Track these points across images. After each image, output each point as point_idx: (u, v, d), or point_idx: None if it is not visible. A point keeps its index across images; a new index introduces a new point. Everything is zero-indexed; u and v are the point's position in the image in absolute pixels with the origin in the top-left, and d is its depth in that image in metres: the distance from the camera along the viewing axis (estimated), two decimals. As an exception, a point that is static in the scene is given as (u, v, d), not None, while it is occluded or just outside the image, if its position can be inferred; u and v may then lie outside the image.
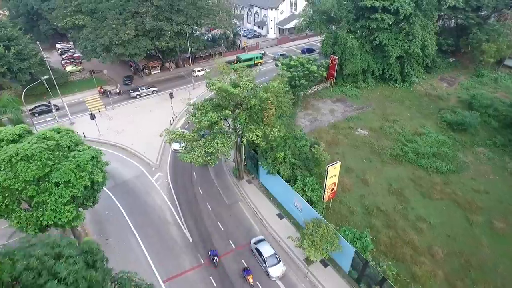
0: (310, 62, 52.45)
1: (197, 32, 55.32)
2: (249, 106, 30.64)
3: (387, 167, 41.22)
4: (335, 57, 56.25)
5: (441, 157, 42.16)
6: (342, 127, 49.12)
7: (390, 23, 54.52)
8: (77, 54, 74.97)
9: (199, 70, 65.62)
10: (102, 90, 60.14)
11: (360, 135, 47.36)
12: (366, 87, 60.81)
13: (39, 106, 54.71)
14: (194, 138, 32.53)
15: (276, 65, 56.54)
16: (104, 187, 38.18)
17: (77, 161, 22.83)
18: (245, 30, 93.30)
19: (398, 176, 39.63)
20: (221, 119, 31.32)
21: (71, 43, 78.40)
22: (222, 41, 73.23)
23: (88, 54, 54.05)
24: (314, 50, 77.69)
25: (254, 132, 30.92)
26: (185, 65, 69.97)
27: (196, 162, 30.47)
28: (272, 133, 31.56)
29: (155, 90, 60.77)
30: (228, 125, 34.54)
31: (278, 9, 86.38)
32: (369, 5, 53.35)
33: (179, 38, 55.44)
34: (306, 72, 51.30)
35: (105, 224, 34.00)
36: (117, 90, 60.25)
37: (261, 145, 32.25)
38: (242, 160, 38.16)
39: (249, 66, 70.13)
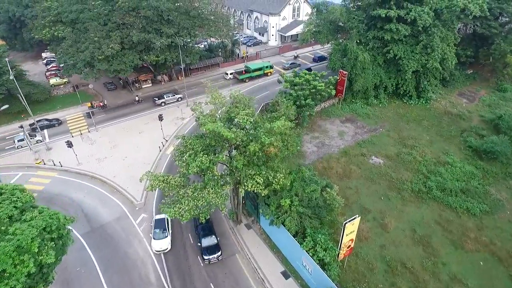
0: (317, 78, 46.71)
1: (191, 44, 49.52)
2: (247, 153, 24.94)
3: (408, 206, 35.42)
4: (345, 72, 50.50)
5: (471, 194, 36.37)
6: (354, 154, 43.32)
7: (406, 34, 48.73)
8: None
9: (231, 73, 63.89)
10: (100, 104, 55.18)
11: (375, 164, 41.56)
12: (378, 104, 55.02)
13: (41, 120, 49.88)
14: (181, 183, 26.75)
15: (279, 81, 50.83)
16: (77, 233, 33.06)
17: (18, 240, 17.07)
18: (244, 37, 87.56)
19: (422, 219, 33.84)
20: (213, 163, 25.54)
21: (57, 52, 72.65)
22: (219, 50, 67.42)
23: (69, 70, 48.27)
24: (326, 58, 72.08)
25: (255, 179, 25.19)
26: (179, 78, 64.18)
27: (183, 218, 24.66)
28: (275, 179, 25.78)
29: (180, 98, 56.75)
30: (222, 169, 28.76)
31: (280, 15, 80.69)
32: (383, 15, 47.57)
33: (171, 51, 49.64)
34: (313, 90, 45.57)
35: (74, 285, 28.20)
36: (101, 103, 55.24)
37: (263, 193, 26.49)
38: (240, 202, 32.38)
39: (259, 76, 65.21)
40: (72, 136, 47.70)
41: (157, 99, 56.17)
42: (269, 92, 59.29)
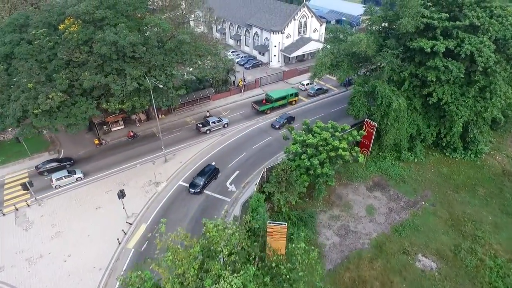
0: (337, 133, 33.99)
1: (167, 86, 36.68)
2: None
3: None
4: (373, 123, 37.74)
5: None
6: (392, 251, 30.60)
7: (459, 76, 35.86)
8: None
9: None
10: (131, 134, 47.18)
11: (425, 271, 28.81)
12: (414, 159, 42.20)
13: (48, 162, 40.97)
14: None
15: (285, 138, 38.01)
16: None
17: None
18: (242, 57, 74.69)
19: None
20: None
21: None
22: (210, 80, 54.48)
23: (-1, 124, 35.42)
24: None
25: None
26: (160, 116, 51.37)
27: None
28: None
29: (226, 124, 49.22)
30: None
31: (283, 33, 67.93)
32: (428, 49, 34.79)
33: (140, 95, 36.93)
34: (332, 153, 32.86)
35: None
36: (132, 133, 47.22)
37: None
38: None
39: (282, 106, 54.06)
40: (3, 214, 34.99)
41: (201, 125, 47.97)
42: (272, 139, 46.61)
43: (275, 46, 69.36)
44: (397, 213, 34.98)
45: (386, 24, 42.22)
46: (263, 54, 73.60)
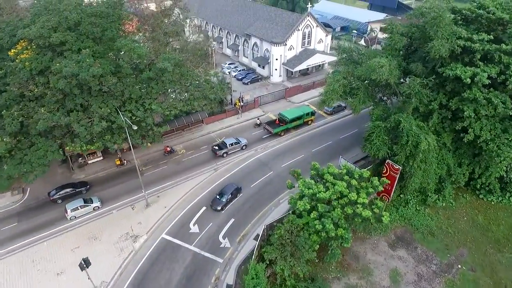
0: (354, 181, 27.42)
1: (147, 121, 29.86)
2: None
3: None
4: (396, 167, 31.06)
5: None
6: None
7: (504, 112, 29.15)
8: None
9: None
10: (168, 149, 43.70)
11: None
12: (442, 203, 35.54)
13: (62, 187, 36.51)
14: None
15: (290, 186, 31.19)
16: None
17: None
18: (239, 70, 67.89)
19: None
20: None
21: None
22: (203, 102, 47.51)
23: None
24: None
25: None
26: (146, 144, 44.55)
27: None
28: None
29: (245, 145, 44.36)
30: None
31: (285, 44, 61.28)
32: (467, 79, 28.12)
33: (114, 133, 30.23)
34: (349, 209, 26.25)
35: None
36: (168, 148, 43.63)
37: None
38: None
39: (297, 127, 48.29)
40: None
41: (217, 148, 43.13)
42: (273, 174, 39.99)
43: (276, 59, 62.68)
44: (429, 281, 28.29)
45: (407, 39, 35.26)
46: (263, 67, 66.89)
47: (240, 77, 65.07)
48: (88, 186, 38.07)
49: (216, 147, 43.46)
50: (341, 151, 43.41)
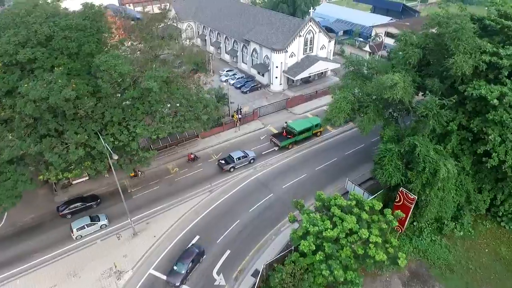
0: (364, 214, 24.09)
1: (133, 145, 26.63)
2: None
3: None
4: (412, 196, 27.71)
5: None
6: None
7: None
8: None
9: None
10: (191, 157, 42.02)
11: None
12: (459, 231, 32.17)
13: (72, 202, 34.52)
14: None
15: (292, 220, 27.75)
16: None
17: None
18: (238, 78, 64.47)
19: None
20: None
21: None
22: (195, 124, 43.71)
23: None
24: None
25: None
26: (136, 170, 41.04)
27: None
28: None
29: (253, 159, 41.89)
30: None
31: (286, 51, 57.94)
32: (493, 100, 24.80)
33: (95, 159, 26.92)
34: (359, 249, 22.97)
35: None
36: (192, 155, 42.04)
37: None
38: None
39: (305, 139, 45.47)
40: None
41: (223, 162, 40.56)
42: (273, 197, 36.67)
43: (276, 66, 59.32)
44: (450, 330, 24.97)
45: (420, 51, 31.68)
46: (263, 75, 63.56)
47: (238, 85, 61.73)
48: (99, 200, 35.55)
49: (223, 161, 40.54)
50: (347, 169, 40.16)
